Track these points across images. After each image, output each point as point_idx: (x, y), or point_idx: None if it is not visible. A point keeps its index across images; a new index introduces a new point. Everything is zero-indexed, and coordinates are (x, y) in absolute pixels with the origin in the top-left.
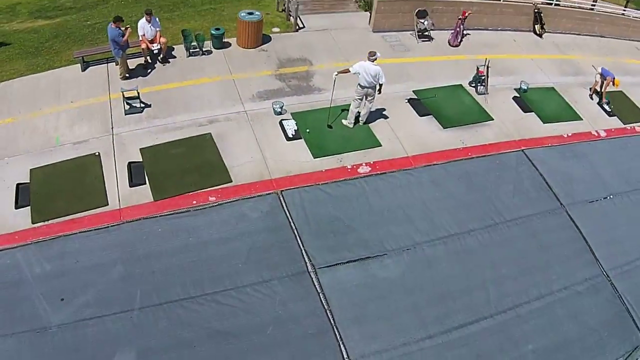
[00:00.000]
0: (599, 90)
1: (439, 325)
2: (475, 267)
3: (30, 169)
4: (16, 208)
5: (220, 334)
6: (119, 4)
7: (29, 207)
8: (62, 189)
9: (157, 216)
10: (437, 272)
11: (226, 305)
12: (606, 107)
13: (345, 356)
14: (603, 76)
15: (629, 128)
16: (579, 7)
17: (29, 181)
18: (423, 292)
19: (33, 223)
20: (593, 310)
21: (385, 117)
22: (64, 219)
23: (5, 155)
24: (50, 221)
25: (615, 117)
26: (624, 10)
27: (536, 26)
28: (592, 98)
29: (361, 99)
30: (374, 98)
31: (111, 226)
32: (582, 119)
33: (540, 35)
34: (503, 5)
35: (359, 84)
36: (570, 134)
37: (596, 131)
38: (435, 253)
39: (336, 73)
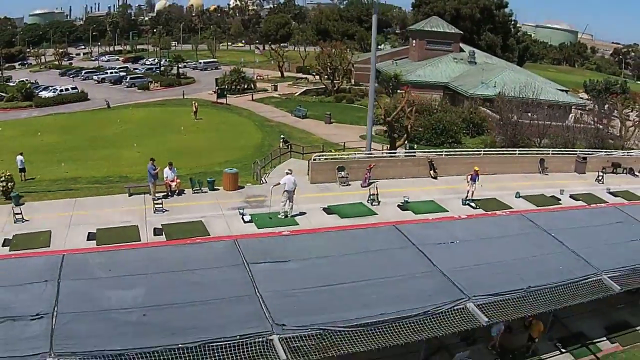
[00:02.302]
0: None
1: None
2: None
3: (97, 229)
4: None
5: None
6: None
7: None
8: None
9: (169, 246)
10: (325, 271)
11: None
12: (472, 204)
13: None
14: (472, 181)
15: (489, 213)
16: (471, 154)
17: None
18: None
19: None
20: (429, 283)
21: (306, 216)
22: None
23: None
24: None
25: (480, 209)
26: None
27: (431, 172)
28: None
29: (287, 199)
30: (293, 196)
31: (142, 248)
32: (448, 211)
33: (435, 178)
34: (403, 160)
35: (285, 190)
36: (434, 218)
37: (459, 216)
38: (326, 265)
39: (272, 185)
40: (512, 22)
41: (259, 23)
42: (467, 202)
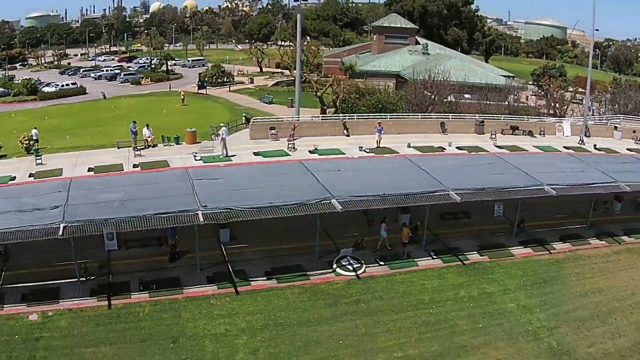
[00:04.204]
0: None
1: None
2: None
3: (95, 166)
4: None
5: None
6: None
7: (93, 171)
8: (107, 168)
9: (142, 172)
10: (242, 183)
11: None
12: (366, 150)
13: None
14: (378, 132)
15: (378, 155)
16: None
17: (93, 167)
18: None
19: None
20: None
21: (239, 156)
22: None
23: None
24: None
25: (372, 153)
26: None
27: (344, 131)
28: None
29: (223, 144)
30: (227, 141)
31: (124, 174)
32: (345, 154)
33: (347, 135)
34: (323, 122)
35: (222, 137)
36: (333, 158)
37: (352, 156)
38: (243, 180)
39: (216, 135)
40: (478, 17)
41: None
42: (364, 149)
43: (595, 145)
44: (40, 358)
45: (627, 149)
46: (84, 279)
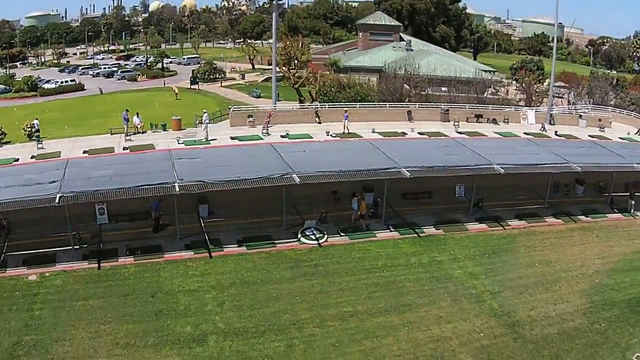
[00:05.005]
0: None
1: None
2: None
3: (90, 149)
4: (83, 154)
5: None
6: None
7: (87, 153)
8: (100, 151)
9: (131, 154)
10: (217, 162)
11: None
12: (332, 134)
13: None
14: (345, 119)
15: (343, 139)
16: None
17: (87, 150)
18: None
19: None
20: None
21: (218, 141)
22: None
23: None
24: None
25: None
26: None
27: (316, 119)
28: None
29: (206, 128)
30: (208, 126)
31: (114, 155)
32: (313, 138)
33: (319, 123)
34: (297, 111)
35: (205, 123)
36: (301, 141)
37: (319, 140)
38: (219, 159)
39: (204, 118)
40: (466, 15)
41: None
42: (330, 134)
43: (556, 132)
44: (37, 309)
45: (589, 136)
46: (78, 247)
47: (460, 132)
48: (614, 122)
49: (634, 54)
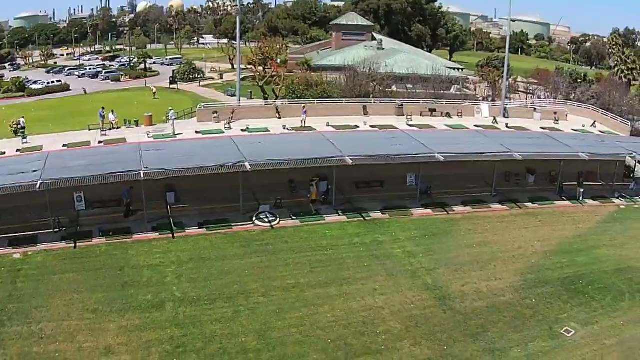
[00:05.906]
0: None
1: None
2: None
3: (69, 143)
4: (62, 147)
5: None
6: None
7: (67, 147)
8: (77, 144)
9: (105, 146)
10: (181, 152)
11: None
12: (288, 128)
13: None
14: (303, 114)
15: (297, 132)
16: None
17: (67, 144)
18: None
19: None
20: (231, 157)
21: (184, 135)
22: None
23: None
24: None
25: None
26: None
27: (276, 114)
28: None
29: (173, 124)
30: (174, 122)
31: (90, 148)
32: (270, 131)
33: (279, 118)
34: (259, 107)
35: (172, 118)
36: (260, 134)
37: (275, 133)
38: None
39: (170, 114)
40: (442, 14)
41: None
42: (287, 127)
43: (507, 124)
44: (20, 282)
45: (541, 128)
46: (57, 230)
47: (411, 125)
48: (571, 115)
49: (609, 51)
